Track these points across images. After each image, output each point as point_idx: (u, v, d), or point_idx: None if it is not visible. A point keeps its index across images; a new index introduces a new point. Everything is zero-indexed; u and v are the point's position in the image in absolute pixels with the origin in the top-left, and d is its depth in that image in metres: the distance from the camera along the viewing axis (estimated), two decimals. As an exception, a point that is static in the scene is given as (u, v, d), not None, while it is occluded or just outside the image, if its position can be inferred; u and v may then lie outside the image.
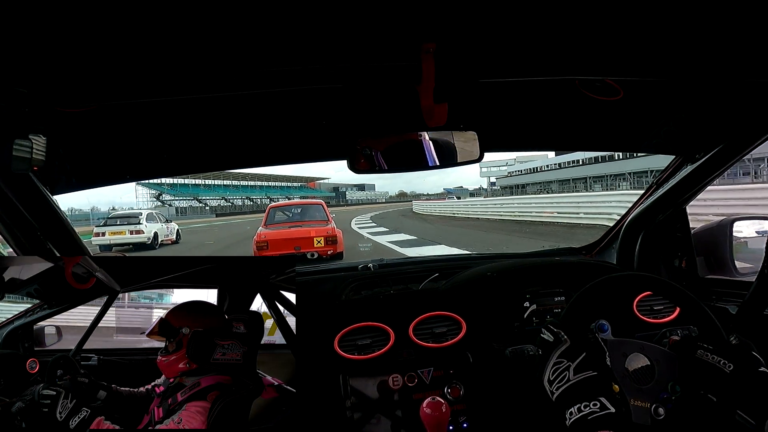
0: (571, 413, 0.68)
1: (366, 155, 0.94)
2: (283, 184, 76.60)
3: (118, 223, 12.49)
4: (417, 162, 0.95)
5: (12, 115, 0.71)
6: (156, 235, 12.79)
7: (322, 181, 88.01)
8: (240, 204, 61.21)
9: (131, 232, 12.16)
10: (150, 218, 12.99)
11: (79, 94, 0.73)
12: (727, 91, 0.90)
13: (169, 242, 13.65)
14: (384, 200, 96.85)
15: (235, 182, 65.52)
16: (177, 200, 53.41)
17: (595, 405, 0.66)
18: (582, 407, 0.67)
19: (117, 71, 0.69)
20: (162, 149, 1.06)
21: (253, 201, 62.82)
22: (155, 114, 0.88)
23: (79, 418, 0.75)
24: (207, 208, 52.64)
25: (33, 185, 0.90)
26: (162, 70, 0.70)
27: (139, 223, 12.35)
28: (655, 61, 0.77)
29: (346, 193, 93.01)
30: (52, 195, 0.95)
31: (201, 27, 0.60)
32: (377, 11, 0.59)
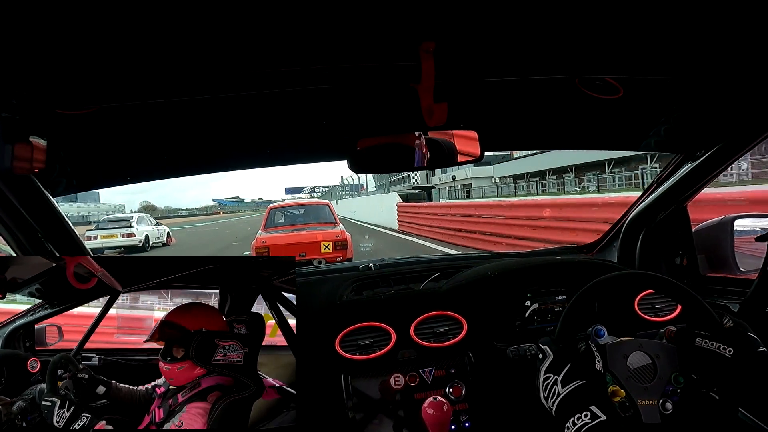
0: (567, 427, 0.68)
1: (366, 155, 0.94)
2: None
3: (110, 226, 12.56)
4: (417, 162, 0.95)
5: (13, 118, 0.71)
6: (147, 237, 12.90)
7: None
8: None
9: (123, 236, 12.25)
10: (141, 221, 13.13)
11: (80, 96, 0.73)
12: (727, 88, 0.90)
13: (159, 245, 13.71)
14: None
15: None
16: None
17: (586, 416, 0.66)
18: (576, 420, 0.67)
19: (118, 73, 0.69)
20: (163, 150, 1.06)
21: None
22: (156, 115, 0.88)
23: (79, 425, 0.75)
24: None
25: (35, 187, 0.90)
26: (162, 71, 0.70)
27: (130, 226, 12.47)
28: (655, 59, 0.77)
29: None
30: (53, 197, 0.96)
31: (201, 29, 0.60)
32: (376, 11, 0.60)
